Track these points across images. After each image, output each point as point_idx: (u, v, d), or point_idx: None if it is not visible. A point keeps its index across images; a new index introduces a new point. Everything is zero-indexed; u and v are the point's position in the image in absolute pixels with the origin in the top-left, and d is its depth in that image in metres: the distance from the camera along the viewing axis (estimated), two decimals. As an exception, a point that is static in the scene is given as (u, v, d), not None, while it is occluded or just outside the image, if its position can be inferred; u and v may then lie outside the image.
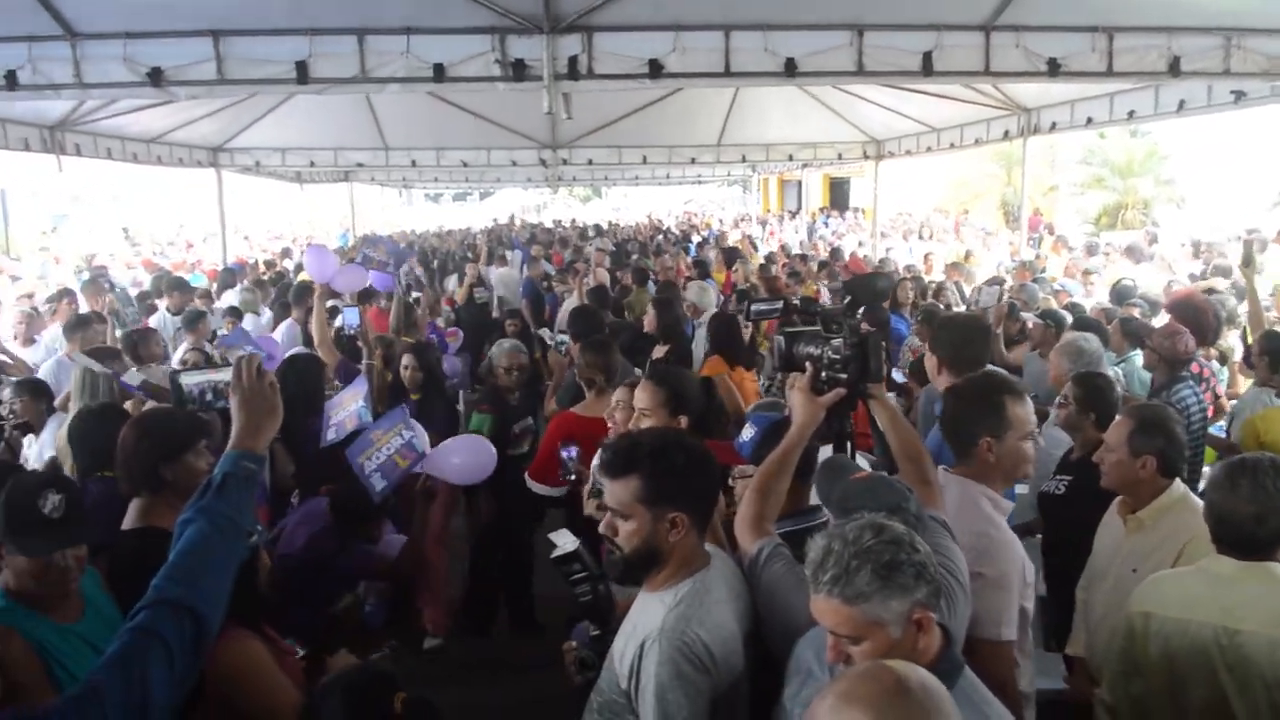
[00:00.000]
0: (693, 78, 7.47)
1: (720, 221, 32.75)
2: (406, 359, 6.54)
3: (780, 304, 3.52)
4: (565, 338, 7.53)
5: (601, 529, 2.68)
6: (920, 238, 22.23)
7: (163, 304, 10.93)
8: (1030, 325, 7.70)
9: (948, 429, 3.46)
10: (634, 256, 17.57)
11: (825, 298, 10.74)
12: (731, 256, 16.08)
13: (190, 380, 3.20)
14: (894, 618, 2.18)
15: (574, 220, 34.88)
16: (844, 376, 3.18)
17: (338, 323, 7.93)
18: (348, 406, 5.38)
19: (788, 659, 2.62)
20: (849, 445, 3.34)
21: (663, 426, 3.67)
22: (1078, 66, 7.80)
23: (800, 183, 37.01)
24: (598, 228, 28.40)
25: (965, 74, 7.88)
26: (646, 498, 2.61)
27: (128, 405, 5.06)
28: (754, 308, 3.58)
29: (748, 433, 3.56)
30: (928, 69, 7.55)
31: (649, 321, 7.75)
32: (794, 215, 33.67)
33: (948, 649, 2.33)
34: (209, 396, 3.53)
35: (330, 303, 7.67)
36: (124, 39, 7.16)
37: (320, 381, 6.17)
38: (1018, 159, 28.22)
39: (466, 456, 4.98)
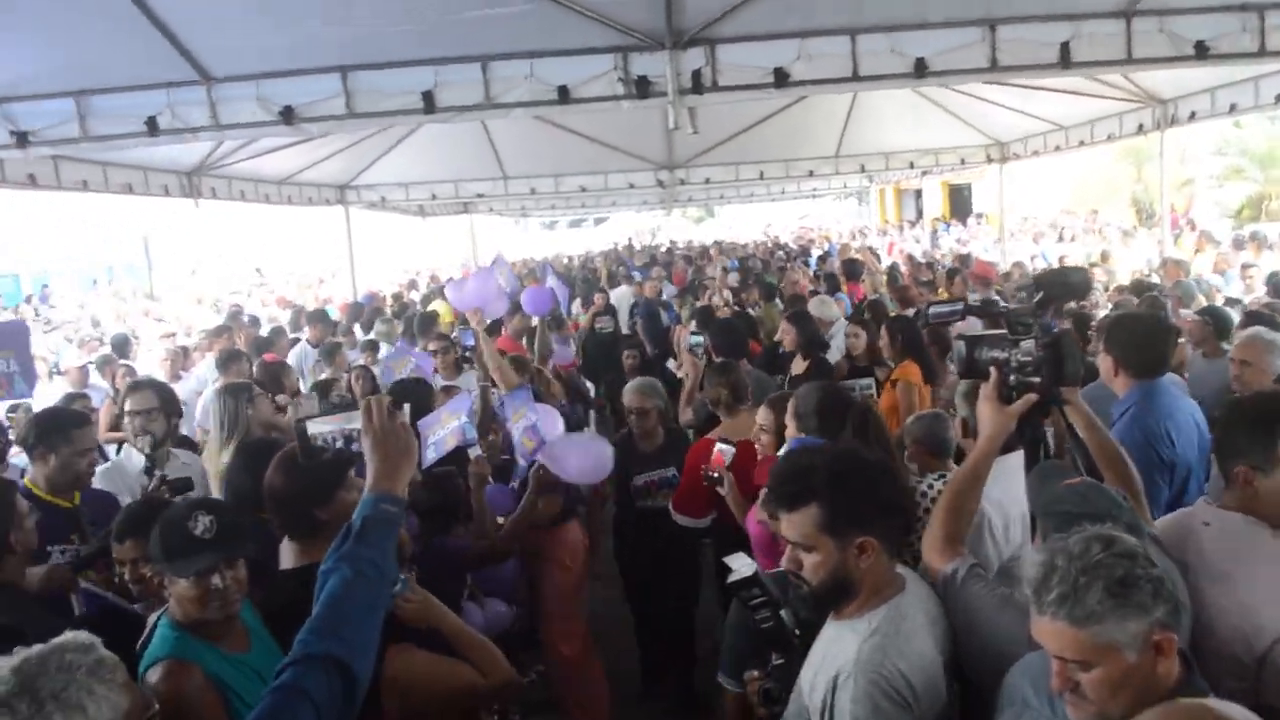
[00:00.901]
0: (819, 85, 7.26)
1: (839, 235, 32.22)
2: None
3: (960, 305, 3.26)
4: (700, 338, 7.35)
5: (784, 564, 2.51)
6: (1060, 239, 21.39)
7: (304, 336, 11.26)
8: (1189, 324, 7.24)
9: (1215, 446, 3.11)
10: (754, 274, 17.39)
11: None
12: (854, 269, 15.77)
13: (318, 428, 3.12)
14: (1130, 640, 1.95)
15: (690, 241, 34.85)
16: (1036, 380, 2.94)
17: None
18: (447, 424, 5.22)
19: (994, 687, 2.40)
20: (1043, 453, 3.10)
21: (835, 444, 3.40)
22: (1227, 48, 7.31)
23: (918, 191, 36.36)
24: (717, 245, 28.27)
25: (1105, 64, 7.48)
26: (829, 526, 2.44)
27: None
28: (933, 310, 3.35)
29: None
30: (1065, 61, 7.17)
31: (786, 338, 7.57)
32: (913, 224, 32.99)
33: (1189, 675, 2.07)
34: (339, 443, 3.44)
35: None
36: (256, 80, 7.34)
37: (430, 405, 5.96)
38: (1148, 155, 27.14)
39: (584, 456, 4.86)
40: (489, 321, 7.83)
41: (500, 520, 4.81)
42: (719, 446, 4.68)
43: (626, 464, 5.72)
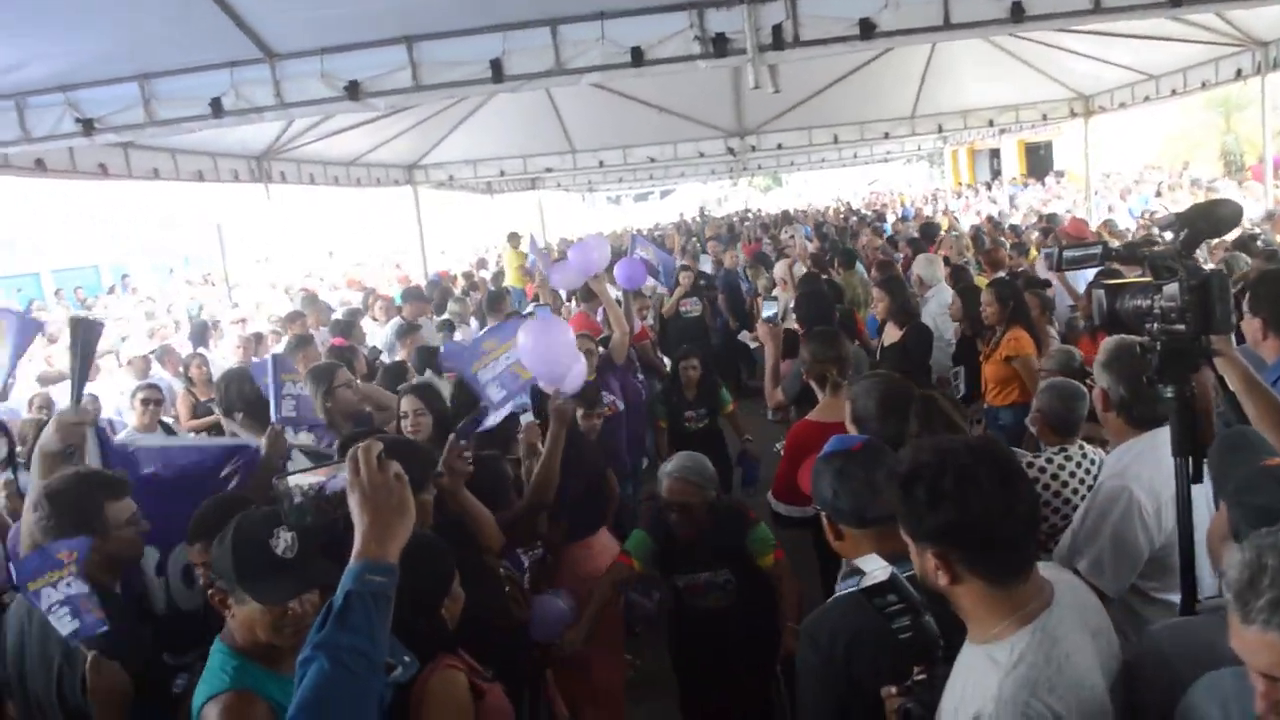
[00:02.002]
0: (908, 35, 6.80)
1: (911, 200, 31.49)
2: None
3: (1099, 247, 2.91)
4: (773, 309, 6.97)
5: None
6: (1158, 194, 20.48)
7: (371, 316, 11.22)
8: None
9: None
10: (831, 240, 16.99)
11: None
12: (930, 231, 15.28)
13: (299, 482, 2.53)
14: None
15: (759, 210, 34.41)
16: (1180, 329, 2.57)
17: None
18: (498, 358, 4.77)
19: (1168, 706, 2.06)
20: (1192, 416, 2.67)
21: (938, 436, 3.01)
22: (1355, -20, 6.78)
23: (993, 151, 35.46)
24: (787, 214, 27.81)
25: (1218, 0, 6.94)
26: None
27: None
28: (1067, 254, 3.00)
29: None
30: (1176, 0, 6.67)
31: (881, 307, 7.21)
32: (989, 186, 32.12)
33: None
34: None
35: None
36: (320, 55, 7.13)
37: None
38: (1237, 104, 26.06)
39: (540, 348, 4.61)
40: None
41: None
42: None
43: (664, 558, 4.73)
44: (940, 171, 41.07)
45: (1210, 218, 2.73)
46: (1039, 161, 34.48)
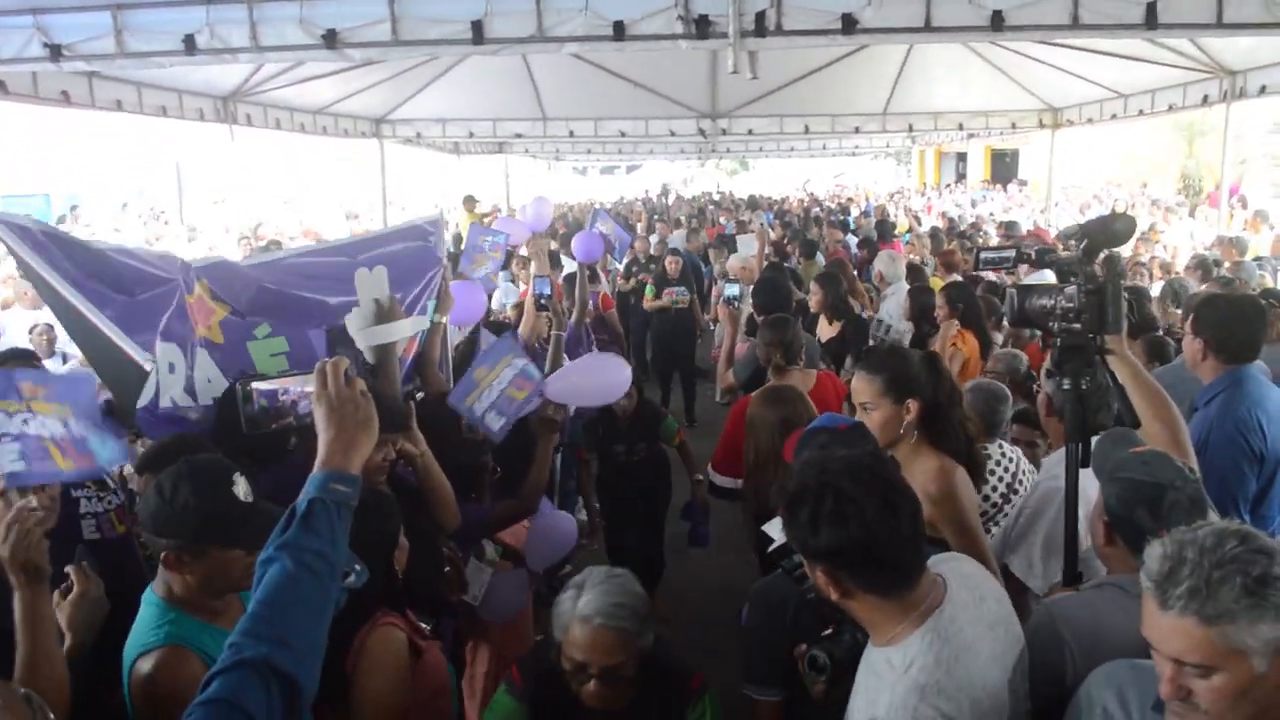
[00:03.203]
0: (889, 34, 6.91)
1: (876, 196, 31.71)
2: None
3: (1014, 250, 3.09)
4: (736, 289, 6.98)
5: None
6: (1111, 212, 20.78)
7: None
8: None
9: None
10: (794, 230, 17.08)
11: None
12: (886, 229, 15.45)
13: (266, 388, 2.52)
14: (1261, 646, 1.72)
15: (729, 193, 34.46)
16: (1077, 327, 2.87)
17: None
18: (500, 375, 4.70)
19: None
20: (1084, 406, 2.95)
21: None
22: (1326, 17, 6.92)
23: (960, 155, 35.80)
24: (753, 199, 27.88)
25: (1193, 27, 7.07)
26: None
27: None
28: (983, 255, 3.16)
29: None
30: (1151, 21, 6.76)
31: (814, 301, 7.31)
32: (950, 188, 32.44)
33: None
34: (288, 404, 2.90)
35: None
36: (300, 0, 7.06)
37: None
38: (1200, 129, 26.56)
39: (595, 375, 4.57)
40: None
41: None
42: None
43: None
44: (907, 170, 41.41)
45: (1107, 230, 3.04)
46: (1005, 168, 34.90)
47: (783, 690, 2.86)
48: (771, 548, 2.60)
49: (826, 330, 7.30)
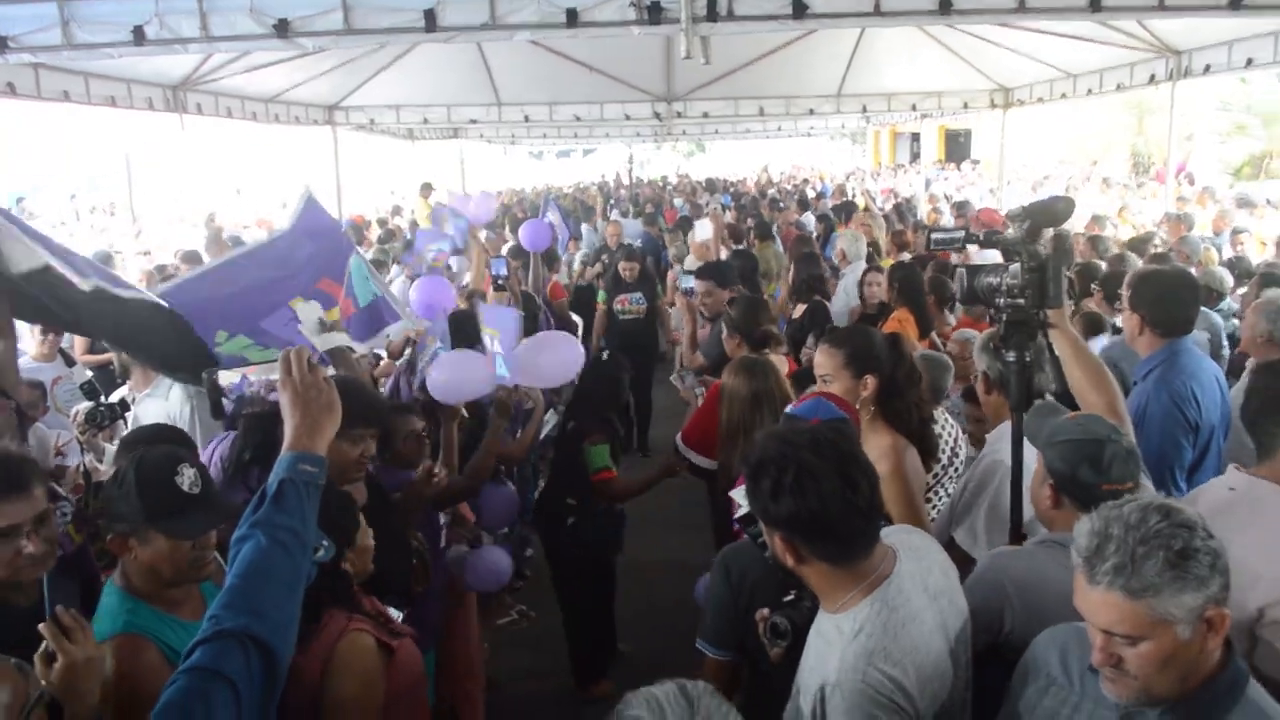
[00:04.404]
0: (839, 19, 7.01)
1: (832, 177, 31.86)
2: None
3: (962, 232, 3.23)
4: (692, 281, 7.05)
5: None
6: (1066, 190, 20.94)
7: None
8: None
9: (1247, 416, 3.09)
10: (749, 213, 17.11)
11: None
12: (847, 211, 15.55)
13: (232, 378, 2.62)
14: (1184, 614, 1.83)
15: (686, 175, 34.46)
16: (1021, 302, 3.03)
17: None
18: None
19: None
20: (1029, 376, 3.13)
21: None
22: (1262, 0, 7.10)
23: (914, 135, 36.00)
24: (709, 183, 27.89)
25: (1136, 9, 7.25)
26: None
27: None
28: (934, 236, 3.27)
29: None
30: (1095, 4, 6.92)
31: (789, 278, 7.38)
32: (904, 169, 32.66)
33: (1230, 655, 1.97)
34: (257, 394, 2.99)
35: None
36: (251, -11, 7.02)
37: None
38: (1149, 107, 26.91)
39: (546, 353, 4.66)
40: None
41: None
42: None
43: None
44: (863, 150, 41.59)
45: (1048, 211, 3.15)
46: (958, 148, 35.16)
47: (735, 654, 2.96)
48: (739, 514, 2.68)
49: (797, 310, 7.37)
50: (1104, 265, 7.78)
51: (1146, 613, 1.85)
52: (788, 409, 3.32)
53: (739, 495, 2.63)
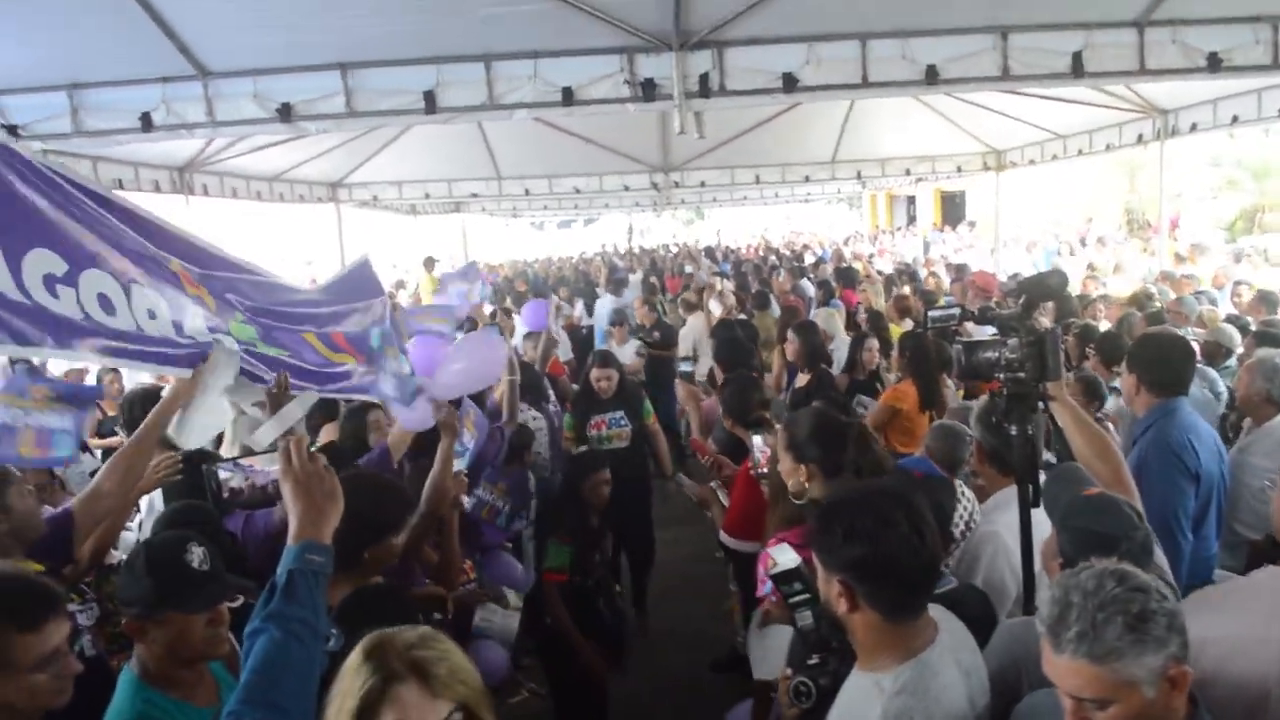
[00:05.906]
0: (828, 90, 7.16)
1: (831, 242, 32.10)
2: None
3: (957, 309, 3.31)
4: (688, 365, 7.14)
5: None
6: (1067, 253, 21.01)
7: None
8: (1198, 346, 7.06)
9: None
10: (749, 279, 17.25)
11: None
12: (849, 276, 15.65)
13: (231, 471, 2.67)
14: (1147, 675, 1.90)
15: (683, 242, 34.72)
16: (1022, 376, 3.09)
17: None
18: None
19: None
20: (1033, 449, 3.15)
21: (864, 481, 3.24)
22: (1240, 60, 7.25)
23: (910, 198, 36.32)
24: (709, 251, 28.08)
25: (1118, 74, 7.41)
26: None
27: None
28: (931, 314, 3.34)
29: None
30: (1078, 70, 7.11)
31: (791, 350, 7.40)
32: (901, 231, 32.92)
33: (1195, 711, 2.03)
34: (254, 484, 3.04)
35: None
36: (254, 75, 7.23)
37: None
38: (1140, 165, 27.15)
39: (469, 356, 4.66)
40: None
41: None
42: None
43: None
44: (859, 214, 41.95)
45: (1042, 286, 3.32)
46: (954, 209, 35.45)
47: None
48: (774, 570, 2.74)
49: (801, 380, 7.35)
50: (1099, 325, 7.87)
51: (1111, 676, 1.91)
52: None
53: (778, 553, 2.69)
